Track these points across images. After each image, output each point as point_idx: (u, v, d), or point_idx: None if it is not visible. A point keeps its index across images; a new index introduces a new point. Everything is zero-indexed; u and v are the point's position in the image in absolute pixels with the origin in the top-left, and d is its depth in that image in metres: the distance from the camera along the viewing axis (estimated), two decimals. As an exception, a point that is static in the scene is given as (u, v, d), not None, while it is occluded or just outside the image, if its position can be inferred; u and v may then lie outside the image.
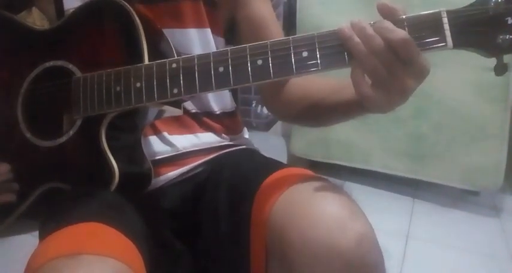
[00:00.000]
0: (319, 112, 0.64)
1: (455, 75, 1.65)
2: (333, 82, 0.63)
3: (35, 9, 0.69)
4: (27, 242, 0.60)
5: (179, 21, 0.66)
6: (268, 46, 0.49)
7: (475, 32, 0.46)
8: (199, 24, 0.68)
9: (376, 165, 1.87)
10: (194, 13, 0.68)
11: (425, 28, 0.47)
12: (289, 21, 1.84)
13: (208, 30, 0.69)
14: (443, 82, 1.66)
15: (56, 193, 0.59)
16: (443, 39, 0.46)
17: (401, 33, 0.45)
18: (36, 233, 0.63)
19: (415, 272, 1.40)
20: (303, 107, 0.66)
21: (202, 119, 0.72)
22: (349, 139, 1.88)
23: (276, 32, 0.69)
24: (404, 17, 0.47)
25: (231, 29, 0.72)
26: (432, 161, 1.77)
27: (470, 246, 1.54)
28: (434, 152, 1.76)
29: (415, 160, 1.79)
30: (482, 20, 0.46)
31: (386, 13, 0.47)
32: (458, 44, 0.47)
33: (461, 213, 1.76)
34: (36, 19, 0.69)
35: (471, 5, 0.47)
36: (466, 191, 1.84)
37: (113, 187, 0.55)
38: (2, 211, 0.63)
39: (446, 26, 0.46)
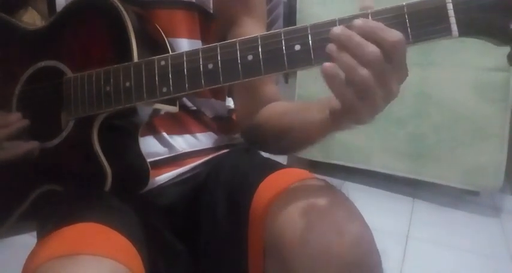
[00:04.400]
0: (294, 137, 0.62)
1: (455, 75, 1.65)
2: (301, 103, 0.61)
3: (31, 9, 0.69)
4: (27, 242, 0.60)
5: (171, 30, 0.65)
6: (259, 40, 0.47)
7: (484, 18, 0.41)
8: (191, 35, 0.67)
9: (376, 165, 1.88)
10: (187, 23, 0.67)
11: (428, 15, 0.42)
12: (289, 21, 1.84)
13: (199, 42, 0.68)
14: (443, 82, 1.66)
15: (54, 194, 0.59)
16: (448, 28, 0.42)
17: (375, 50, 0.41)
18: (35, 232, 0.63)
19: (415, 272, 1.40)
20: (276, 135, 0.65)
21: (201, 117, 0.72)
22: (349, 139, 1.88)
23: None
24: (404, 3, 0.43)
25: None
26: (432, 161, 1.77)
27: (470, 246, 1.54)
28: (434, 152, 1.76)
29: (415, 160, 1.79)
30: (492, 5, 0.41)
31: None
32: (464, 32, 0.42)
33: (461, 213, 1.76)
34: (35, 19, 0.68)
35: None
36: (466, 191, 1.84)
37: (107, 187, 0.55)
38: (0, 213, 0.62)
39: (451, 13, 0.42)
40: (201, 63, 0.49)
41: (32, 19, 0.69)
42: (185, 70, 0.49)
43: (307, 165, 1.98)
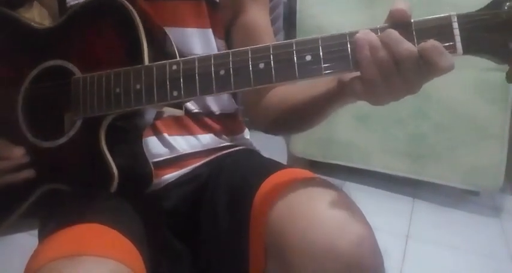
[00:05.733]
0: (300, 112, 0.64)
1: (455, 75, 1.63)
2: (306, 83, 0.63)
3: (36, 4, 0.69)
4: (27, 242, 0.60)
5: (180, 20, 0.66)
6: (271, 49, 0.48)
7: (487, 37, 0.44)
8: (200, 24, 0.68)
9: (376, 165, 1.88)
10: (195, 12, 0.68)
11: (434, 33, 0.44)
12: (289, 21, 1.84)
13: (210, 31, 0.69)
14: (443, 82, 1.65)
15: (57, 193, 0.59)
16: (453, 46, 0.44)
17: (410, 47, 0.44)
18: (35, 232, 0.63)
19: (415, 272, 1.40)
20: (283, 111, 0.67)
21: (203, 119, 0.72)
22: (349, 139, 1.88)
23: (268, 40, 0.70)
24: (412, 21, 0.45)
25: (227, 33, 0.73)
26: (432, 161, 1.77)
27: (470, 246, 1.54)
28: (434, 152, 1.76)
29: (415, 160, 1.79)
30: (494, 25, 0.44)
31: (399, 19, 0.45)
32: (468, 50, 0.45)
33: (461, 213, 1.76)
34: (35, 15, 0.68)
35: (483, 9, 0.45)
36: (466, 191, 1.84)
37: (113, 188, 0.55)
38: (1, 211, 0.62)
39: (457, 31, 0.44)
40: (212, 69, 0.50)
41: (36, 16, 0.68)
42: (197, 75, 0.50)
43: (307, 165, 1.98)
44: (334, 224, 0.47)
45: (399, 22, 0.45)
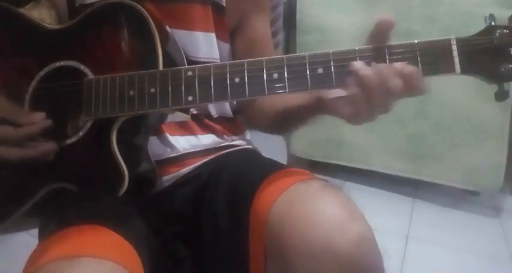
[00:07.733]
0: (288, 117, 0.68)
1: (455, 75, 1.64)
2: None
3: (44, 2, 0.68)
4: (27, 242, 0.60)
5: (187, 23, 0.67)
6: (285, 61, 0.51)
7: (481, 60, 0.49)
8: (205, 28, 0.69)
9: (376, 165, 1.88)
10: (202, 16, 0.68)
11: (436, 54, 0.49)
12: (289, 21, 1.84)
13: (213, 35, 0.70)
14: (443, 82, 1.66)
15: (61, 193, 0.59)
16: (452, 66, 0.49)
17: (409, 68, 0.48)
18: (35, 232, 0.63)
19: (415, 272, 1.40)
20: (274, 114, 0.70)
21: (203, 120, 0.72)
22: (349, 139, 1.88)
23: (268, 50, 0.75)
24: (416, 41, 0.49)
25: (230, 38, 0.74)
26: (432, 161, 1.77)
27: (470, 246, 1.54)
28: (434, 152, 1.76)
29: (415, 160, 1.79)
30: (488, 49, 0.49)
31: (385, 28, 0.49)
32: (465, 70, 0.49)
33: (461, 213, 1.76)
34: (43, 13, 0.68)
35: (478, 34, 0.49)
36: (466, 191, 1.84)
37: (122, 191, 0.55)
38: (6, 208, 0.62)
39: (455, 53, 0.48)
40: (228, 76, 0.52)
41: (43, 14, 0.68)
42: (212, 81, 0.52)
43: (307, 165, 1.98)
44: (334, 224, 0.47)
45: (385, 31, 0.49)
